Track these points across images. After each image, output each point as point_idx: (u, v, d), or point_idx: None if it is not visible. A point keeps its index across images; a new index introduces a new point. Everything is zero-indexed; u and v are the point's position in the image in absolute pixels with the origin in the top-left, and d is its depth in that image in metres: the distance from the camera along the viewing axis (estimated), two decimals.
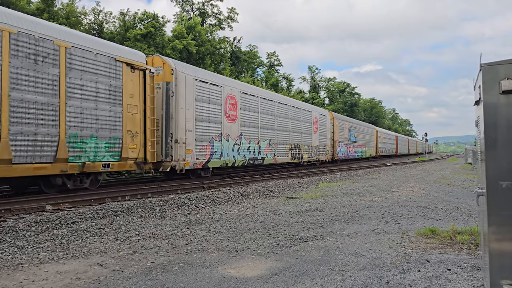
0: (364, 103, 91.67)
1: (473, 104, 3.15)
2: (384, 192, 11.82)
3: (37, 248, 5.65)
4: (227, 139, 15.72)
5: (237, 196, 11.44)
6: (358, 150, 37.86)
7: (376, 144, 47.13)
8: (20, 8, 23.86)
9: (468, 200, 10.27)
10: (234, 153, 16.33)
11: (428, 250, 5.15)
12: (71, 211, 8.07)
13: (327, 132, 28.89)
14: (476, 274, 4.15)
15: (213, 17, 47.45)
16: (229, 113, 16.06)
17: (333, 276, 4.18)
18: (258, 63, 58.92)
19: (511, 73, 2.45)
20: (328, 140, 28.89)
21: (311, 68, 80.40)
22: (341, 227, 6.77)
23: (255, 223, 7.35)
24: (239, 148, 16.75)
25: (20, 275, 4.42)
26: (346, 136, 33.70)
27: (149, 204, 9.21)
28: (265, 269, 4.49)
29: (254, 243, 5.76)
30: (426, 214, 7.98)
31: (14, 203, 8.46)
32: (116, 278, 4.24)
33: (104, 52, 10.70)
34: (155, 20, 35.27)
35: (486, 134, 2.53)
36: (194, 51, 35.79)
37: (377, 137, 47.62)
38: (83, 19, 34.10)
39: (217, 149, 15.05)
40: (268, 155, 19.26)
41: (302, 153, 23.65)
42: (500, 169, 2.48)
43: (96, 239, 6.22)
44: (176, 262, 4.81)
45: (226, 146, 15.68)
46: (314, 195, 11.41)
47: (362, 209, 8.70)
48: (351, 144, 35.33)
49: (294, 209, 8.83)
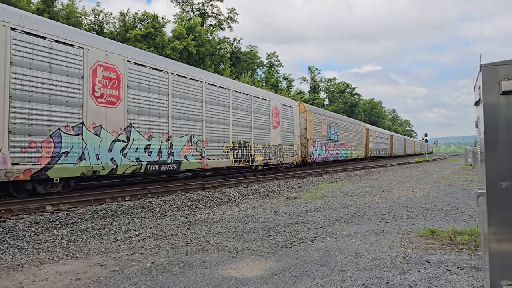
0: (364, 104, 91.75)
1: (473, 105, 3.15)
2: (384, 193, 11.82)
3: (37, 248, 5.65)
4: (96, 132, 10.23)
5: (237, 196, 11.44)
6: (342, 151, 32.30)
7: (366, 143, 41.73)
8: (20, 9, 23.99)
9: (468, 200, 10.27)
10: (114, 154, 10.71)
11: (428, 251, 5.15)
12: (71, 212, 8.07)
13: (295, 128, 22.78)
14: (476, 274, 4.15)
15: (213, 17, 47.50)
16: (102, 92, 10.40)
17: (333, 277, 4.17)
18: (258, 64, 58.96)
19: (511, 74, 2.45)
20: (296, 138, 22.83)
21: (311, 69, 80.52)
22: (341, 228, 6.77)
23: (255, 223, 7.35)
24: (126, 146, 11.04)
25: (20, 275, 4.42)
26: (325, 134, 27.90)
27: (149, 205, 9.21)
28: (265, 270, 4.49)
29: (254, 243, 5.76)
30: (426, 215, 7.98)
31: (14, 203, 8.46)
32: (116, 279, 4.24)
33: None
34: (155, 21, 35.28)
35: (486, 134, 2.53)
36: (194, 51, 35.81)
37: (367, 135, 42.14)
38: (83, 20, 34.11)
39: (69, 148, 9.52)
40: (188, 157, 13.38)
41: (253, 154, 17.61)
42: (500, 170, 2.48)
43: (96, 240, 6.22)
44: (176, 263, 4.81)
45: (95, 143, 10.17)
46: (314, 196, 11.41)
47: (362, 209, 8.70)
48: (332, 144, 29.45)
49: (294, 210, 8.83)
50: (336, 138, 30.86)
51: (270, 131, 19.70)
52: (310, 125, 25.07)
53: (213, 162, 14.81)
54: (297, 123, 23.24)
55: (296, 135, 22.90)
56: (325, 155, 28.01)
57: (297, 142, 22.94)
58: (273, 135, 20.03)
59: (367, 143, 41.99)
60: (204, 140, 14.38)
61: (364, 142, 40.85)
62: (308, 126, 24.60)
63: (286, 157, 21.37)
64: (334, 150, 30.16)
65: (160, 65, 12.55)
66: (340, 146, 31.92)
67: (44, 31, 9.03)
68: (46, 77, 9.04)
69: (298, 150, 23.10)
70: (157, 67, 12.28)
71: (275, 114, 20.44)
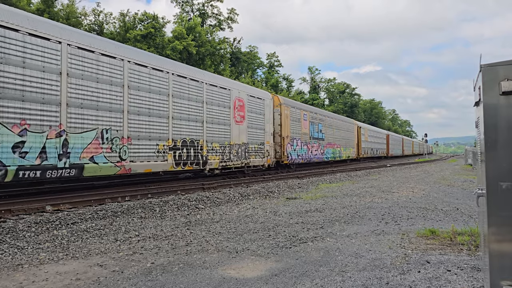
0: (364, 104, 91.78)
1: (473, 105, 3.15)
2: (384, 193, 11.82)
3: (37, 248, 5.65)
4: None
5: (237, 196, 11.44)
6: (328, 151, 28.62)
7: (358, 143, 38.08)
8: (20, 9, 24.02)
9: (468, 201, 10.27)
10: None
11: (428, 251, 5.15)
12: (71, 212, 8.07)
13: (268, 124, 19.34)
14: (476, 275, 4.15)
15: (213, 17, 47.52)
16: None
17: (333, 277, 4.17)
18: (258, 64, 58.99)
19: (511, 74, 2.45)
20: (269, 136, 19.35)
21: (311, 69, 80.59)
22: (341, 228, 6.77)
23: (255, 224, 7.35)
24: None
25: (20, 275, 4.42)
26: (306, 131, 24.30)
27: (149, 205, 9.21)
28: (265, 270, 4.49)
29: (254, 244, 5.76)
30: (426, 215, 7.98)
31: (14, 203, 8.46)
32: (116, 279, 4.24)
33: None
34: (155, 21, 35.29)
35: (486, 135, 2.53)
36: (194, 51, 35.82)
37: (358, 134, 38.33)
38: (83, 20, 34.13)
39: None
40: (97, 158, 10.06)
41: (205, 155, 14.23)
42: (500, 170, 2.48)
43: (96, 240, 6.22)
44: (176, 263, 4.81)
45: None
46: (314, 196, 11.41)
47: (362, 210, 8.70)
48: (315, 143, 25.88)
49: (294, 210, 8.83)
50: (321, 137, 27.25)
51: (231, 127, 15.98)
52: (287, 121, 21.39)
53: (140, 166, 11.24)
54: (269, 119, 19.62)
55: (268, 132, 19.28)
56: (307, 155, 24.20)
57: (269, 141, 19.37)
58: (236, 132, 16.31)
59: (359, 143, 38.35)
60: (126, 137, 10.86)
61: (355, 141, 37.27)
62: (284, 122, 20.94)
63: (255, 158, 17.72)
64: (319, 150, 26.51)
65: (52, 31, 9.08)
66: (326, 146, 28.22)
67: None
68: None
69: (271, 150, 19.60)
70: (24, 29, 8.47)
71: (239, 106, 16.70)
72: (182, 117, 13.16)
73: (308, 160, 24.56)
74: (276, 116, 20.73)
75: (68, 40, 9.46)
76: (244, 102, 17.21)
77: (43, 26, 9.00)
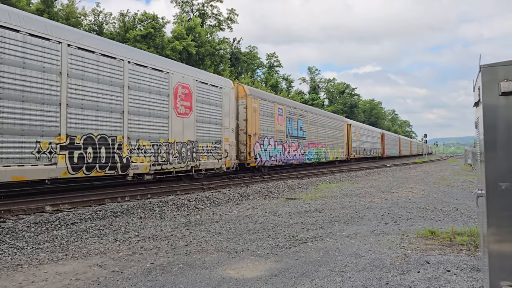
0: (364, 104, 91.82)
1: (473, 106, 3.15)
2: (383, 193, 11.82)
3: (37, 249, 5.65)
4: None
5: (237, 197, 11.44)
6: (311, 151, 25.12)
7: (348, 142, 34.64)
8: (20, 9, 24.06)
9: (467, 201, 10.27)
10: None
11: (427, 251, 5.15)
12: (71, 212, 8.07)
13: (227, 119, 15.76)
14: (476, 275, 4.15)
15: (212, 18, 47.53)
16: None
17: (332, 277, 4.17)
18: (258, 64, 59.01)
19: (510, 75, 2.45)
20: (228, 132, 15.87)
21: (311, 69, 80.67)
22: (340, 228, 6.77)
23: (255, 224, 7.35)
24: None
25: (19, 276, 4.42)
26: (281, 128, 21.05)
27: (148, 205, 9.21)
28: (265, 270, 4.49)
29: (254, 244, 5.76)
30: (425, 215, 7.99)
31: (14, 203, 8.45)
32: (116, 279, 4.24)
33: None
34: (155, 21, 35.30)
35: (486, 135, 2.53)
36: (194, 52, 35.83)
37: (349, 132, 34.88)
38: (82, 20, 34.12)
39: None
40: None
41: (127, 156, 10.94)
42: (499, 171, 2.48)
43: (96, 240, 6.22)
44: (176, 263, 4.81)
45: None
46: (313, 196, 11.41)
47: (361, 210, 8.70)
48: (294, 142, 22.61)
49: (293, 210, 8.83)
50: (302, 135, 23.85)
51: (170, 120, 12.60)
52: (255, 115, 18.15)
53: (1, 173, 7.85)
54: (230, 112, 16.04)
55: (228, 128, 15.87)
56: (283, 156, 20.88)
57: (228, 139, 15.84)
58: (178, 126, 12.97)
59: (350, 142, 34.96)
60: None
61: (345, 140, 33.68)
62: (251, 117, 17.73)
63: (207, 160, 14.45)
64: (299, 150, 23.13)
65: None
66: (309, 145, 24.77)
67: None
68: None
69: (232, 150, 16.12)
70: None
71: (183, 95, 13.32)
72: (85, 105, 9.71)
73: (284, 161, 21.23)
74: (240, 109, 17.51)
75: None
76: (192, 89, 13.78)
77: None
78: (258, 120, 18.45)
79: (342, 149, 32.63)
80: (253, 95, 18.27)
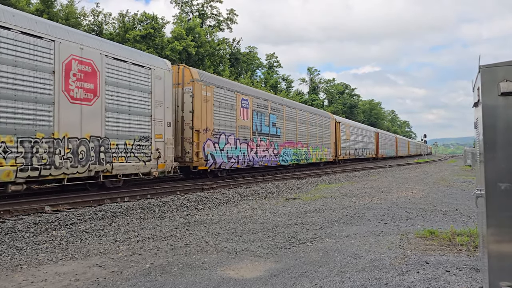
0: (364, 105, 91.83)
1: (472, 106, 3.15)
2: (383, 194, 11.83)
3: (36, 249, 5.65)
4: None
5: (236, 197, 11.44)
6: (287, 152, 21.69)
7: (336, 142, 31.35)
8: (19, 9, 24.04)
9: (467, 201, 10.28)
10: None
11: (427, 252, 5.15)
12: (70, 212, 8.06)
13: (159, 109, 12.43)
14: (475, 275, 4.15)
15: (212, 18, 47.53)
16: None
17: (332, 278, 4.17)
18: (258, 65, 59.03)
19: (509, 75, 2.45)
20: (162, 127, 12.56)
21: (310, 70, 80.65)
22: (340, 229, 6.77)
23: (254, 224, 7.35)
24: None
25: (19, 276, 4.42)
26: (247, 124, 17.58)
27: (148, 205, 9.21)
28: (264, 271, 4.48)
29: (253, 244, 5.76)
30: (425, 216, 7.99)
31: (13, 204, 8.45)
32: (115, 280, 4.23)
33: None
34: (155, 22, 35.29)
35: (485, 135, 2.53)
36: (194, 52, 35.83)
37: (337, 130, 31.61)
38: (82, 21, 34.13)
39: None
40: None
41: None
42: (499, 171, 2.48)
43: (95, 241, 6.21)
44: (175, 264, 4.81)
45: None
46: (313, 197, 11.41)
47: (361, 210, 8.70)
48: (265, 140, 19.19)
49: (293, 211, 8.83)
50: (275, 132, 20.50)
51: (56, 107, 9.23)
52: (207, 107, 14.72)
53: None
54: (164, 100, 12.61)
55: (161, 121, 12.47)
56: (248, 158, 17.40)
57: (162, 135, 12.48)
58: (72, 116, 9.62)
59: (338, 142, 31.58)
60: None
61: (332, 139, 30.35)
62: (200, 108, 14.24)
63: (125, 162, 11.11)
64: (270, 150, 19.75)
65: None
66: (284, 145, 21.46)
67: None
68: None
69: (168, 150, 12.68)
70: None
71: (82, 73, 9.90)
72: None
73: (250, 164, 17.73)
74: (186, 98, 13.98)
75: None
76: (97, 67, 10.32)
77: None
78: (211, 112, 14.98)
79: (328, 149, 29.37)
80: (204, 81, 14.72)
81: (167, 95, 12.75)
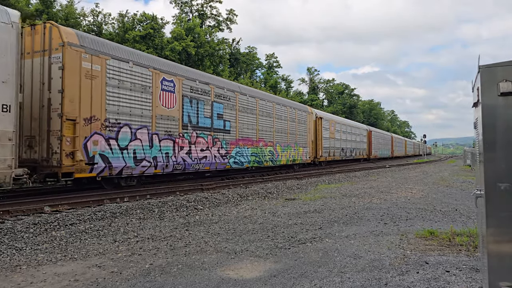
0: (363, 105, 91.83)
1: (472, 106, 3.15)
2: (382, 194, 11.82)
3: (35, 249, 5.64)
4: None
5: (236, 197, 11.43)
6: (242, 152, 17.23)
7: (317, 140, 26.53)
8: (19, 9, 24.00)
9: (466, 202, 10.28)
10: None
11: (426, 252, 5.15)
12: (70, 213, 8.05)
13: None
14: (475, 275, 4.15)
15: (212, 18, 47.53)
16: None
17: (331, 278, 4.17)
18: (257, 65, 59.04)
19: (509, 75, 2.45)
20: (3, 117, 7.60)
21: (310, 70, 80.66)
22: (339, 229, 6.77)
23: (254, 224, 7.35)
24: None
25: (18, 277, 4.41)
26: (172, 114, 12.99)
27: (147, 206, 9.20)
28: (264, 271, 4.48)
29: (253, 244, 5.75)
30: (424, 216, 7.99)
31: (13, 204, 8.44)
32: (115, 280, 4.23)
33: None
34: (154, 22, 35.29)
35: (485, 136, 2.53)
36: (193, 52, 35.83)
37: (318, 127, 26.70)
38: (82, 21, 34.10)
39: None
40: None
41: None
42: (498, 171, 2.48)
43: (95, 241, 6.21)
44: (175, 264, 4.80)
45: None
46: (313, 197, 11.40)
47: (360, 210, 8.70)
48: (204, 136, 14.62)
49: (292, 211, 8.83)
50: (223, 127, 16.00)
51: None
52: (94, 85, 10.26)
53: None
54: (7, 73, 7.76)
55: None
56: (174, 159, 12.93)
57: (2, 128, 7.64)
58: None
59: (319, 140, 26.69)
60: None
61: (310, 137, 25.49)
62: (76, 87, 9.76)
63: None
64: (215, 150, 15.29)
65: None
66: (237, 143, 16.97)
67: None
68: None
69: (6, 150, 7.69)
70: None
71: None
72: None
73: (179, 167, 13.28)
74: (54, 70, 9.55)
75: None
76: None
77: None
78: (101, 94, 10.51)
79: (305, 148, 24.55)
80: (87, 47, 10.14)
81: (5, 60, 7.75)
